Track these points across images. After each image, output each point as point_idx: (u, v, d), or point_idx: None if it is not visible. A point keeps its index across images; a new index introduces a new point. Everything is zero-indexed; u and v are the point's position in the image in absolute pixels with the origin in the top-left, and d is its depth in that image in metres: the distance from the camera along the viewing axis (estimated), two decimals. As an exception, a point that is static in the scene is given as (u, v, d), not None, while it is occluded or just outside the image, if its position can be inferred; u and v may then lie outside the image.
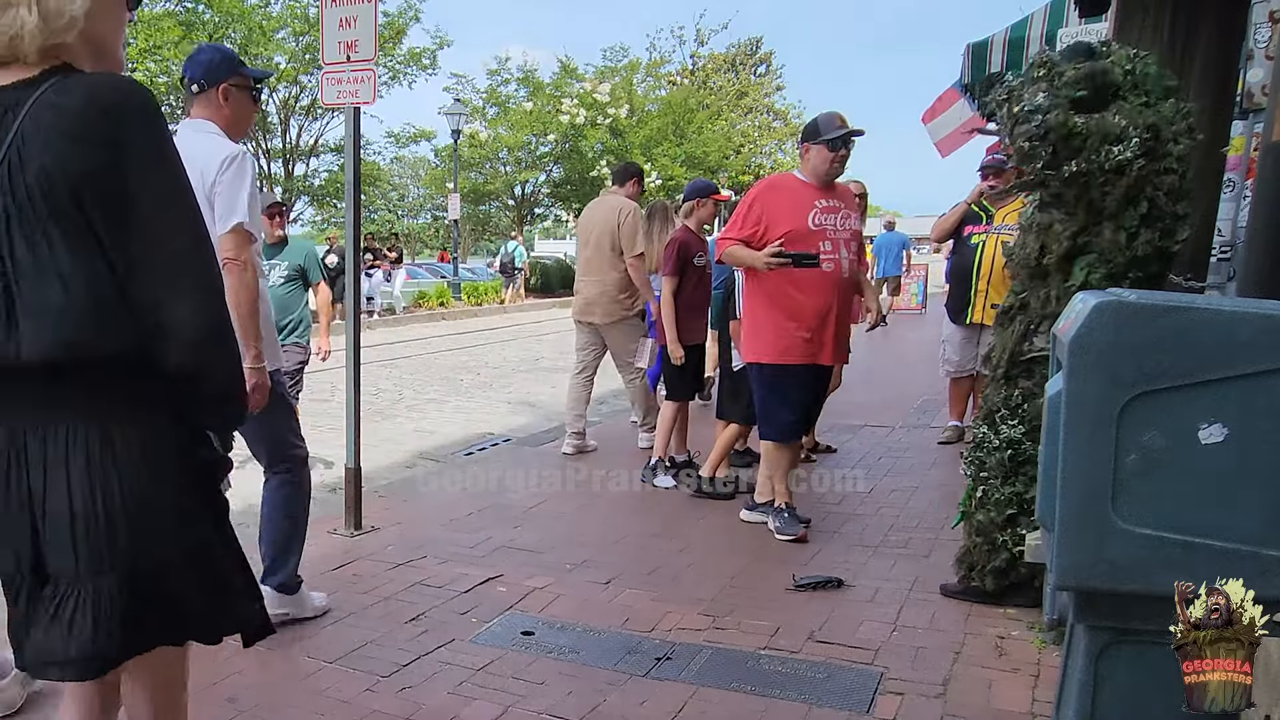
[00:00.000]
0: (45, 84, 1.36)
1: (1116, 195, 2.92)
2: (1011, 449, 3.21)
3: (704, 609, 3.37)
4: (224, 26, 14.18)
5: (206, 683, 2.78)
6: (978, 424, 3.40)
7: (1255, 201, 2.34)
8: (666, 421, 5.24)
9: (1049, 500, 1.76)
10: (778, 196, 4.11)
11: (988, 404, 3.35)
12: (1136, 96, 2.95)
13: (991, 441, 3.27)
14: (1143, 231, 2.94)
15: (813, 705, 2.65)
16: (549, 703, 2.67)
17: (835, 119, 4.07)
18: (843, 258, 4.00)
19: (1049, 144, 2.89)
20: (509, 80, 24.96)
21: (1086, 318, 1.66)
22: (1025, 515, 3.20)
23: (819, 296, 4.00)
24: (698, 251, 5.11)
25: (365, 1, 3.96)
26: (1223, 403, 1.62)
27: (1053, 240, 3.10)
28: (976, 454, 3.34)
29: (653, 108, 26.27)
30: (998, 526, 3.26)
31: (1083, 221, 3.02)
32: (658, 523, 4.51)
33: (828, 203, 4.03)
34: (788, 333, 4.03)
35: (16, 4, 1.37)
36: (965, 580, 3.42)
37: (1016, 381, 3.25)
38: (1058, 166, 2.91)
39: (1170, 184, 2.91)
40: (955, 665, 2.91)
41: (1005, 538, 3.25)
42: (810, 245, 3.94)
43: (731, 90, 35.25)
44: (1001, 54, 6.23)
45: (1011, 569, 3.28)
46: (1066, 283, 3.10)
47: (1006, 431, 3.21)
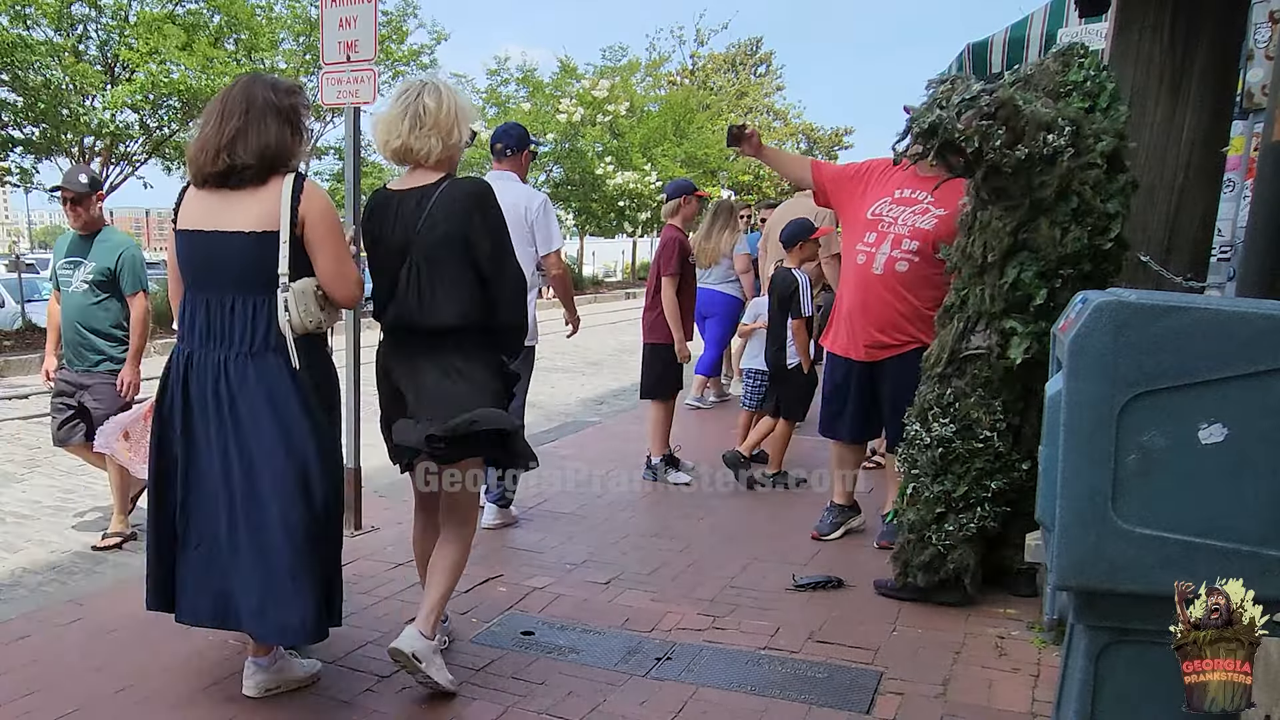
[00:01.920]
0: (443, 183, 2.68)
1: (1052, 186, 2.96)
2: (942, 447, 3.24)
3: (704, 609, 3.37)
4: (229, 29, 14.14)
5: (207, 682, 2.79)
6: (909, 420, 3.41)
7: (1255, 201, 2.34)
8: (662, 420, 5.29)
9: (1049, 500, 1.76)
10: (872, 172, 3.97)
11: (921, 401, 3.36)
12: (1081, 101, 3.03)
13: (923, 439, 3.30)
14: (1074, 227, 2.99)
15: (813, 705, 2.65)
16: (549, 703, 2.67)
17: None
18: (881, 253, 3.74)
19: (1000, 122, 2.92)
20: (508, 80, 24.94)
21: (1087, 318, 1.66)
22: (954, 513, 3.25)
23: (846, 289, 3.95)
24: (690, 251, 5.13)
25: (365, 1, 3.96)
26: (1223, 403, 1.62)
27: (993, 237, 3.13)
28: (909, 451, 3.36)
29: (653, 107, 26.24)
30: (926, 524, 3.29)
31: (1025, 216, 3.05)
32: (658, 523, 4.51)
33: (910, 193, 3.75)
34: (833, 321, 4.06)
35: (429, 137, 2.67)
36: (900, 576, 3.42)
37: (950, 380, 3.28)
38: (1012, 146, 2.93)
39: (1095, 178, 2.95)
40: (955, 665, 2.91)
41: (932, 534, 3.29)
42: (857, 235, 3.86)
43: (731, 90, 35.25)
44: (1001, 54, 6.23)
45: (940, 565, 3.29)
46: (1000, 280, 3.13)
47: (938, 430, 3.25)
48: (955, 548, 3.26)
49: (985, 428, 3.20)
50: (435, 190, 2.65)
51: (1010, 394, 3.22)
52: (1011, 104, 2.92)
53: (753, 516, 4.60)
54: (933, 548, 3.29)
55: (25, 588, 4.06)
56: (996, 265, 3.14)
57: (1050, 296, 3.06)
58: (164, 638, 3.11)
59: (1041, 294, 3.06)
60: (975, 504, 3.24)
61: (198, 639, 3.05)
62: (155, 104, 13.62)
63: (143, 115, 13.94)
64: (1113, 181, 2.99)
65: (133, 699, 2.70)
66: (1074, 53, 3.15)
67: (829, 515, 4.22)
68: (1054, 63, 3.15)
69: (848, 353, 3.93)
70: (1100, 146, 2.95)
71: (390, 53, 16.14)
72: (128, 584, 3.69)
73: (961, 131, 2.95)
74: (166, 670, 2.89)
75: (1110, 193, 2.98)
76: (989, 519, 3.24)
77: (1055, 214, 3.00)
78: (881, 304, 3.77)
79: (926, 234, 3.67)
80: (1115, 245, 3.04)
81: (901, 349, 3.75)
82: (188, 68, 13.20)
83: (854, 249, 3.89)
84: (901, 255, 3.72)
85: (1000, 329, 3.17)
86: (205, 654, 2.99)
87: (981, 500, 3.23)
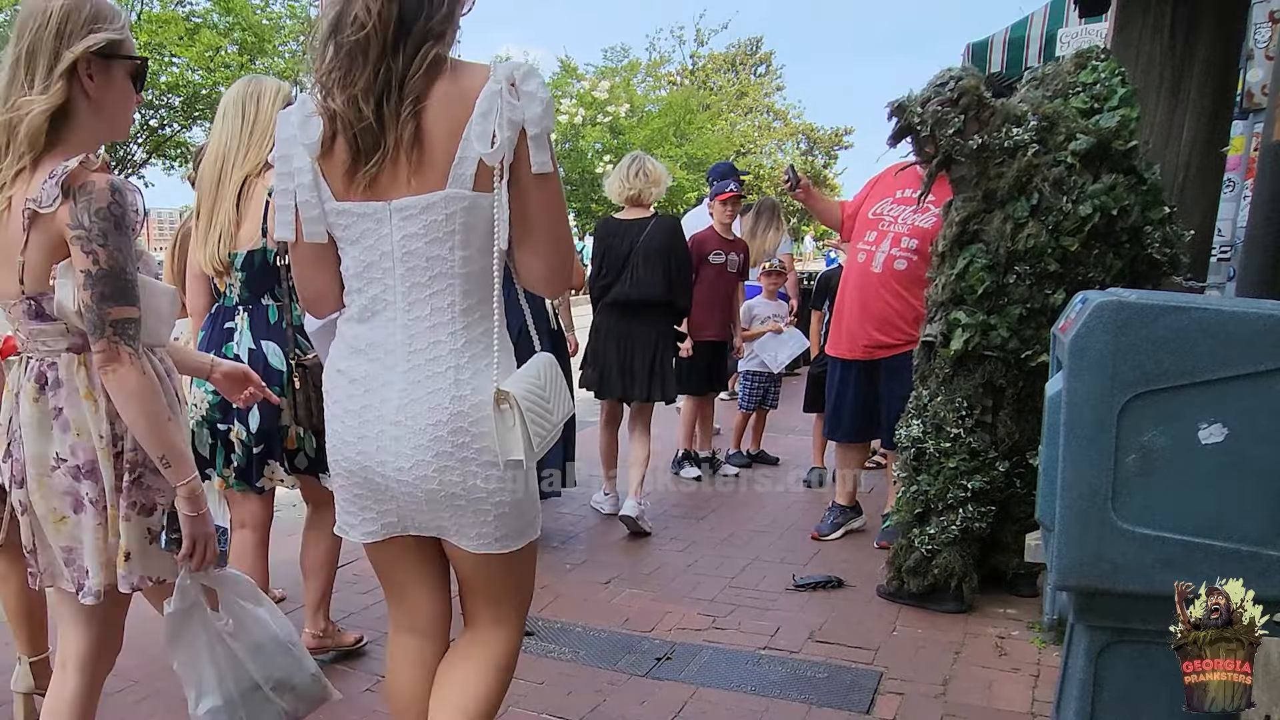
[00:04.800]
0: (653, 219, 4.39)
1: (1008, 179, 2.94)
2: (915, 447, 3.25)
3: (704, 609, 3.37)
4: (232, 29, 14.15)
5: (206, 682, 2.79)
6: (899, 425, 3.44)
7: (1255, 201, 2.34)
8: (688, 415, 5.33)
9: (1049, 500, 1.76)
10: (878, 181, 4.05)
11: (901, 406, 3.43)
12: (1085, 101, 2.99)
13: (901, 441, 3.33)
14: (1030, 223, 2.95)
15: (813, 705, 2.65)
16: (549, 703, 2.67)
17: None
18: (881, 251, 3.79)
19: (960, 110, 2.93)
20: (509, 80, 24.94)
21: (1087, 318, 1.66)
22: (934, 515, 3.22)
23: (847, 289, 3.96)
24: (714, 249, 5.11)
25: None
26: (1223, 403, 1.62)
27: (948, 226, 3.13)
28: (899, 455, 3.41)
29: (653, 108, 26.24)
30: (909, 526, 3.30)
31: (978, 207, 3.04)
32: (658, 523, 4.51)
33: (912, 193, 3.72)
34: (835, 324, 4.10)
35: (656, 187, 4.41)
36: (894, 581, 3.42)
37: (925, 381, 3.29)
38: (966, 137, 2.94)
39: (1058, 175, 2.91)
40: (955, 665, 2.91)
41: (915, 537, 3.28)
42: (859, 235, 3.91)
43: (731, 90, 35.24)
44: (1001, 54, 6.23)
45: (925, 569, 3.28)
46: (950, 269, 3.12)
47: (913, 430, 3.27)
48: (940, 551, 3.22)
49: (952, 425, 3.18)
50: (648, 224, 4.35)
51: (970, 390, 3.16)
52: (975, 93, 2.93)
53: (753, 516, 4.60)
54: (917, 551, 3.27)
55: (25, 587, 4.06)
56: (949, 254, 3.13)
57: (1001, 291, 3.02)
58: (164, 638, 3.11)
59: (983, 285, 3.02)
60: (956, 505, 3.18)
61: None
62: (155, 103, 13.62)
63: (145, 116, 13.95)
64: (1092, 182, 2.90)
65: (132, 699, 2.70)
66: (1092, 55, 3.11)
67: (830, 515, 4.23)
68: (1070, 63, 3.13)
69: (848, 354, 3.95)
70: (1074, 145, 2.90)
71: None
72: (128, 584, 3.70)
73: (920, 115, 2.96)
74: (166, 670, 2.88)
75: (1087, 194, 2.89)
76: (974, 520, 3.17)
77: (1011, 208, 2.97)
78: (880, 303, 3.80)
79: (926, 232, 3.68)
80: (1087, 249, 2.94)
81: (899, 349, 3.76)
82: (190, 63, 13.21)
83: (855, 248, 3.93)
84: (901, 253, 3.74)
85: (947, 319, 3.15)
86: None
87: (963, 501, 3.17)
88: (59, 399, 1.67)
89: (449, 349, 1.52)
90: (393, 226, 1.49)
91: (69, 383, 1.67)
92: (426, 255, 1.50)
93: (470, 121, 1.44)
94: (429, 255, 1.49)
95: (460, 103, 1.45)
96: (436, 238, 1.49)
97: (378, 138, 1.45)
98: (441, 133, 1.45)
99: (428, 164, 1.46)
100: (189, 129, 14.77)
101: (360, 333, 1.57)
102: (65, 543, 1.72)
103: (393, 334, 1.54)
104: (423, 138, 1.45)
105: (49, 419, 1.67)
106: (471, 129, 1.44)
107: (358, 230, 1.52)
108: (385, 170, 1.47)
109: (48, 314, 1.64)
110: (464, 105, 1.45)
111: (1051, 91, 3.06)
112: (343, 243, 1.56)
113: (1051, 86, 3.08)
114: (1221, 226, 3.37)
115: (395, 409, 1.52)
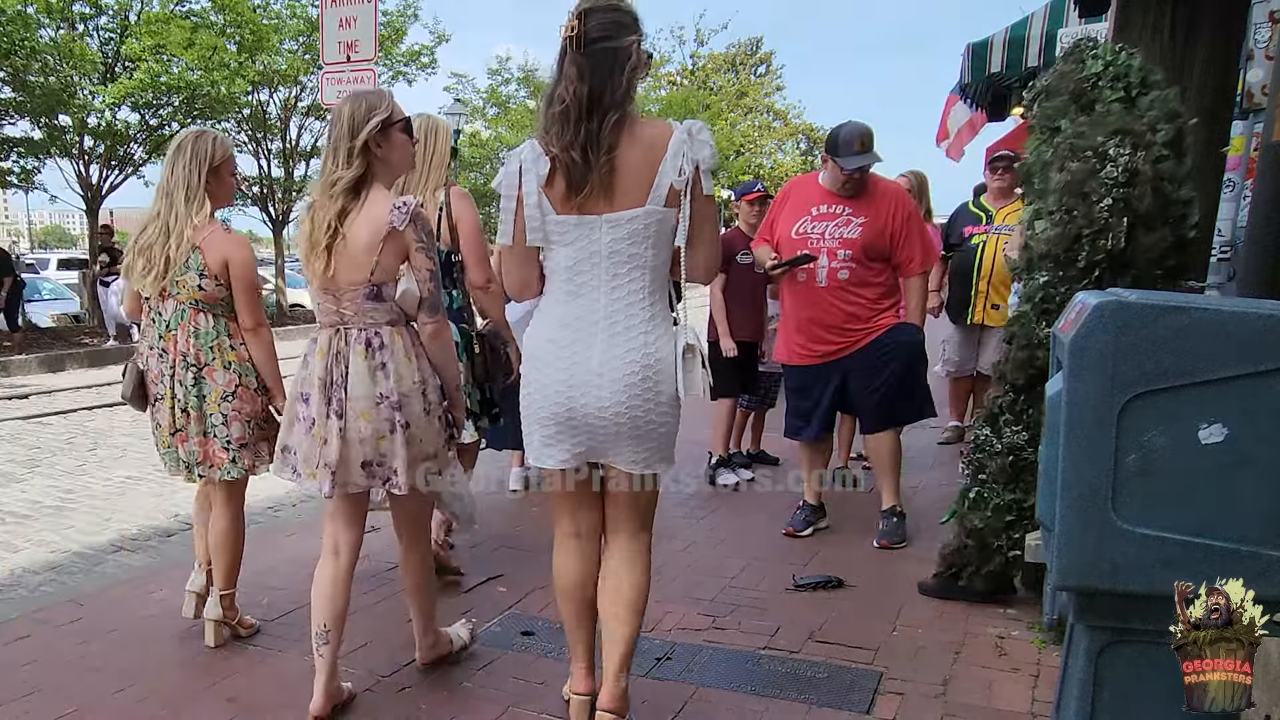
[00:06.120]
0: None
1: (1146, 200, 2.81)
2: (1013, 455, 3.16)
3: (704, 609, 3.37)
4: (233, 30, 14.13)
5: (207, 683, 2.79)
6: (980, 425, 3.36)
7: (1255, 201, 2.34)
8: (720, 420, 5.32)
9: (1049, 500, 1.76)
10: (787, 200, 4.16)
11: (991, 405, 3.29)
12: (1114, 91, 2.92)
13: (993, 445, 3.23)
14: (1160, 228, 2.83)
15: (813, 705, 2.65)
16: (549, 703, 2.67)
17: (855, 142, 3.85)
18: (820, 267, 3.91)
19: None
20: (509, 80, 24.94)
21: (1087, 318, 1.65)
22: (1023, 524, 3.15)
23: (795, 304, 4.08)
24: (741, 249, 5.12)
25: (365, 1, 3.97)
26: (1223, 403, 1.62)
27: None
28: (976, 455, 3.31)
29: (653, 108, 26.24)
30: (994, 532, 3.24)
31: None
32: (658, 523, 4.49)
33: (828, 209, 3.94)
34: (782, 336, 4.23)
35: None
36: (950, 579, 3.40)
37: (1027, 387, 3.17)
38: None
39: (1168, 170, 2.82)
40: (955, 665, 2.91)
41: (1001, 543, 3.22)
42: (789, 253, 4.00)
43: (731, 90, 35.24)
44: (1001, 54, 6.24)
45: (1004, 576, 3.26)
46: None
47: (1010, 436, 3.17)
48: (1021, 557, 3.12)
49: None
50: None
51: None
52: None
53: (753, 516, 4.60)
54: (1000, 556, 3.22)
55: (25, 588, 4.07)
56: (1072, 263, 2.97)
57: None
58: (164, 638, 3.11)
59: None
60: None
61: (198, 639, 3.06)
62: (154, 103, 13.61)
63: (145, 115, 13.94)
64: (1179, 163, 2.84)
65: (132, 699, 2.70)
66: (1083, 48, 3.06)
67: (801, 514, 4.28)
68: (1065, 64, 3.07)
69: (806, 360, 4.06)
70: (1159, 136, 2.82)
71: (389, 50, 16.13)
72: (128, 584, 3.70)
73: None
74: (166, 670, 2.89)
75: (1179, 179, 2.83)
76: None
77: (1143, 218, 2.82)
78: (834, 310, 3.97)
79: (855, 242, 3.89)
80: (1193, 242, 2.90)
81: (861, 341, 3.94)
82: (189, 64, 13.19)
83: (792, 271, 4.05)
84: (840, 264, 3.94)
85: None
86: (205, 654, 2.99)
87: None
88: (384, 356, 2.42)
89: (640, 319, 2.15)
90: (602, 233, 2.12)
91: (390, 345, 2.43)
92: (628, 253, 2.12)
93: (665, 159, 2.08)
94: (629, 253, 2.13)
95: (650, 147, 2.10)
96: (636, 240, 2.12)
97: (585, 174, 2.07)
98: (632, 168, 2.09)
99: (620, 190, 2.10)
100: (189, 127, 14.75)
101: (568, 309, 2.18)
102: (382, 453, 2.45)
103: (595, 310, 2.15)
104: (616, 172, 2.09)
105: (375, 370, 2.42)
106: (666, 164, 2.09)
107: (571, 236, 2.14)
108: (590, 196, 2.10)
109: (383, 297, 2.42)
110: (653, 149, 2.10)
111: (1066, 94, 2.99)
112: (556, 245, 2.17)
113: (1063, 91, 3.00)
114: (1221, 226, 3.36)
115: (598, 363, 2.14)
